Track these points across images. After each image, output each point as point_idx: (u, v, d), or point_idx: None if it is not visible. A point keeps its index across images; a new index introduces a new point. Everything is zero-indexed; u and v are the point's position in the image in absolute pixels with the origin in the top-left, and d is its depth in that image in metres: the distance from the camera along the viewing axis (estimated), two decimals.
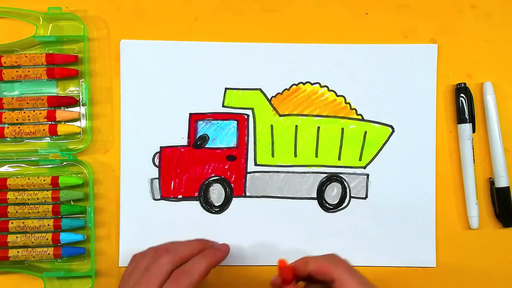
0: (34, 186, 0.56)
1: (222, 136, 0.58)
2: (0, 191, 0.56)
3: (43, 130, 0.56)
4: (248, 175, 0.58)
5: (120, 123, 0.57)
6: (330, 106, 0.58)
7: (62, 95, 0.57)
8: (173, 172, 0.57)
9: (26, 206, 0.56)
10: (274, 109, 0.58)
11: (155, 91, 0.57)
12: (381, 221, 0.57)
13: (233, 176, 0.58)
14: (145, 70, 0.58)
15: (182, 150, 0.58)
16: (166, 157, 0.57)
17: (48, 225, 0.56)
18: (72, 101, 0.57)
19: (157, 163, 0.57)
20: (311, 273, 0.45)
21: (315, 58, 0.58)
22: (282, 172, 0.58)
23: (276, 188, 0.58)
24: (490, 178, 0.58)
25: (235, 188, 0.58)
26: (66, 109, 0.57)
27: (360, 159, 0.58)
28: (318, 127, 0.58)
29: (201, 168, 0.58)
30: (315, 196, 0.58)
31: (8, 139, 0.57)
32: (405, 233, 0.57)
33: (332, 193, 0.58)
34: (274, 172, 0.58)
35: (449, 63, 0.58)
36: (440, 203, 0.58)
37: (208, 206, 0.57)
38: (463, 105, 0.57)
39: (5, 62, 0.56)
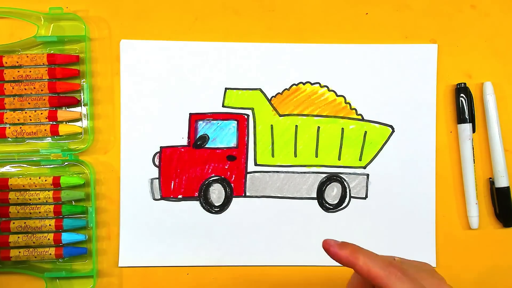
0: (36, 186, 0.56)
1: (222, 136, 0.58)
2: (1, 191, 0.56)
3: (45, 130, 0.56)
4: (248, 175, 0.58)
5: (120, 123, 0.58)
6: (330, 106, 0.58)
7: (64, 95, 0.57)
8: (173, 172, 0.58)
9: (28, 206, 0.56)
10: (274, 109, 0.58)
11: (155, 91, 0.58)
12: (381, 221, 0.58)
13: (233, 176, 0.58)
14: (145, 70, 0.58)
15: (182, 150, 0.58)
16: (166, 157, 0.58)
17: (50, 225, 0.56)
18: (73, 101, 0.57)
19: (157, 163, 0.58)
20: (357, 271, 0.37)
21: (315, 58, 0.58)
22: (282, 172, 0.58)
23: (276, 188, 0.58)
24: (490, 178, 0.58)
25: (235, 188, 0.58)
26: (67, 109, 0.57)
27: (360, 159, 0.58)
28: (318, 127, 0.58)
29: (201, 168, 0.58)
30: (315, 196, 0.58)
31: (10, 139, 0.57)
32: (405, 233, 0.57)
33: (332, 193, 0.58)
34: (274, 172, 0.58)
35: (449, 63, 0.58)
36: (440, 203, 0.58)
37: (208, 206, 0.58)
38: (463, 105, 0.57)
39: (6, 62, 0.56)
